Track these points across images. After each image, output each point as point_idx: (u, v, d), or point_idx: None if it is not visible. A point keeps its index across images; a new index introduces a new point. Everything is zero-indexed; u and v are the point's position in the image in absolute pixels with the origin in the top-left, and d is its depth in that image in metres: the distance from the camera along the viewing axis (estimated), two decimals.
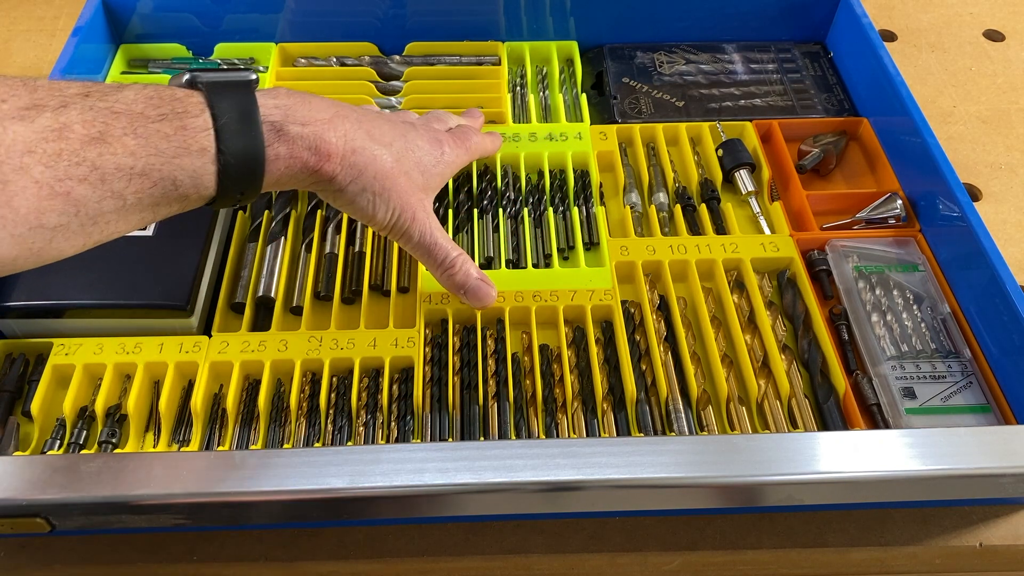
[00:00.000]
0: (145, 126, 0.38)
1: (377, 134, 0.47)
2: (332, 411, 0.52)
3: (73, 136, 0.36)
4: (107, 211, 0.37)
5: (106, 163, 0.36)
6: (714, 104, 0.70)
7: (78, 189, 0.36)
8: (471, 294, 0.53)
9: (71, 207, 0.36)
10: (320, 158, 0.44)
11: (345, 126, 0.45)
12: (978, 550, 0.48)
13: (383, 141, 0.47)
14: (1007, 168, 0.69)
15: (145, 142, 0.37)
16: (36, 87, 0.37)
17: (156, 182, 0.38)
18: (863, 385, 0.53)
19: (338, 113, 0.45)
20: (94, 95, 0.37)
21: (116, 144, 0.37)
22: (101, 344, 0.53)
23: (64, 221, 0.36)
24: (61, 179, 0.35)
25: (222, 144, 0.40)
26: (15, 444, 0.50)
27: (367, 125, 0.47)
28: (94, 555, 0.47)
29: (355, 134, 0.45)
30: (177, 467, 0.41)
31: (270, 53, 0.73)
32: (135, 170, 0.37)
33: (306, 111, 0.44)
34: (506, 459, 0.42)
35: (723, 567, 0.49)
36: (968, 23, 0.82)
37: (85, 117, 0.36)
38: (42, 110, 0.35)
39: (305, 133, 0.43)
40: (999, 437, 0.44)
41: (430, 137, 0.53)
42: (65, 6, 0.82)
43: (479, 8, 0.73)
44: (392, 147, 0.48)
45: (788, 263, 0.59)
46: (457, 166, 0.55)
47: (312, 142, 0.43)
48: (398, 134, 0.49)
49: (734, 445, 0.43)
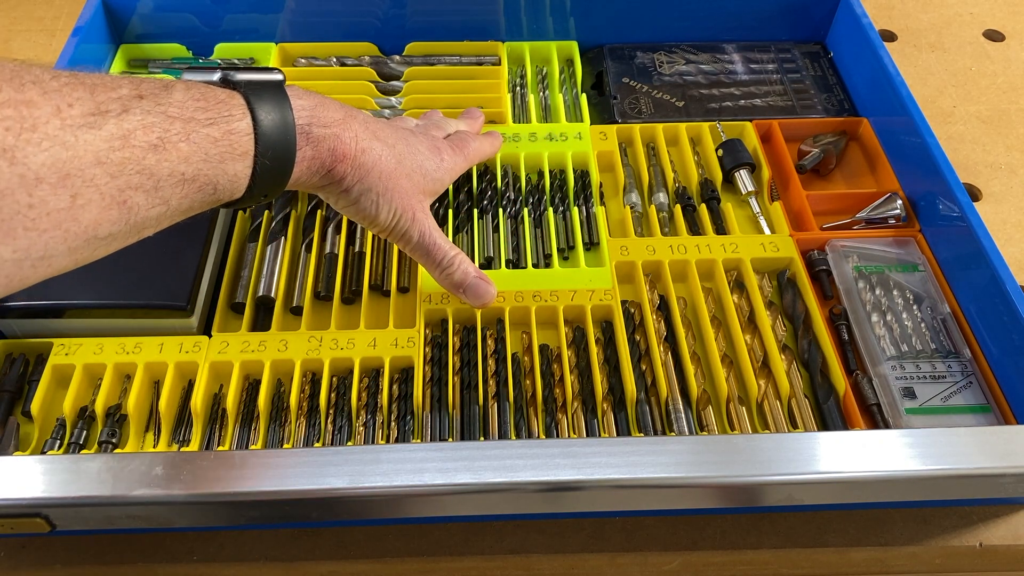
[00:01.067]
0: (197, 131, 0.37)
1: (382, 135, 0.48)
2: (332, 411, 0.52)
3: (136, 144, 0.34)
4: (152, 217, 0.37)
5: (162, 170, 0.36)
6: (714, 104, 0.70)
7: (135, 198, 0.35)
8: (470, 292, 0.53)
9: (125, 215, 0.35)
10: (336, 159, 0.45)
11: (355, 127, 0.46)
12: (978, 550, 0.48)
13: (387, 142, 0.48)
14: (1007, 168, 0.69)
15: (197, 148, 0.37)
16: (94, 87, 0.35)
17: (202, 186, 0.38)
18: (863, 385, 0.53)
19: (348, 114, 0.46)
20: (148, 97, 0.36)
21: (172, 150, 0.36)
22: (101, 344, 0.53)
23: (115, 231, 0.35)
24: (123, 189, 0.34)
25: (260, 148, 0.40)
26: (15, 444, 0.50)
27: (373, 126, 0.48)
28: (94, 555, 0.47)
29: (363, 134, 0.46)
30: (177, 467, 0.41)
31: (270, 53, 0.73)
32: (186, 176, 0.37)
33: (325, 112, 0.44)
34: (506, 459, 0.42)
35: (723, 567, 0.49)
36: (968, 23, 0.82)
37: (145, 122, 0.35)
38: (107, 116, 0.34)
39: (327, 135, 0.44)
40: (999, 437, 0.44)
41: (430, 143, 0.53)
42: (65, 6, 0.82)
43: (479, 8, 0.73)
44: (395, 148, 0.49)
45: (788, 263, 0.59)
46: (456, 172, 0.55)
47: (332, 144, 0.44)
48: (400, 137, 0.50)
49: (734, 445, 0.43)
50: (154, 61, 0.73)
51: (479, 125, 0.63)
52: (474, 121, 0.63)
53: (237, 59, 0.72)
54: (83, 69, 0.36)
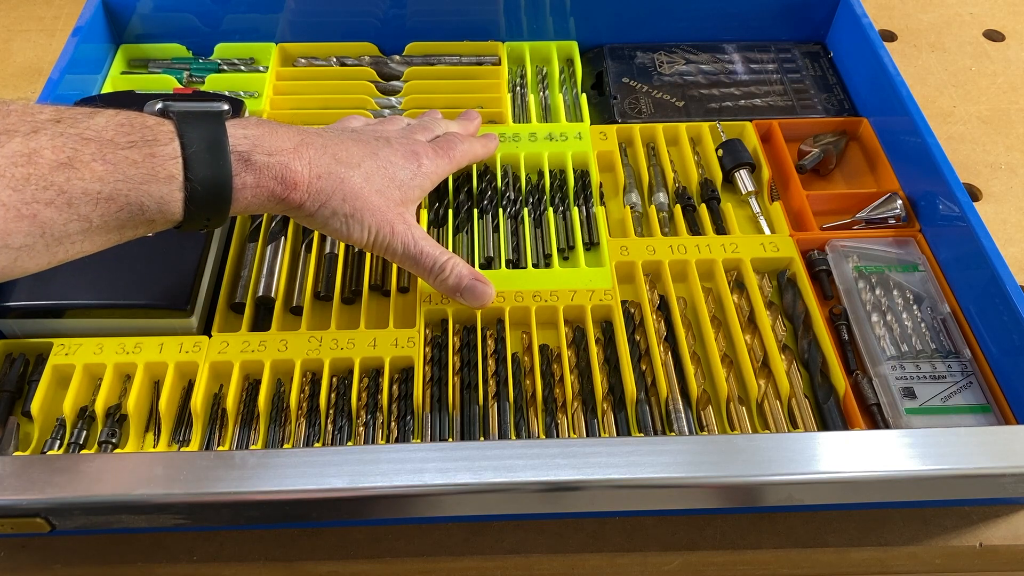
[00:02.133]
0: (114, 152, 0.39)
1: (344, 156, 0.48)
2: (332, 411, 0.52)
3: (42, 161, 0.37)
4: (73, 232, 0.38)
5: (74, 187, 0.37)
6: (714, 104, 0.70)
7: (44, 212, 0.37)
8: (467, 295, 0.53)
9: (37, 228, 0.37)
10: (286, 187, 0.45)
11: (310, 153, 0.46)
12: (978, 550, 0.48)
13: (351, 163, 0.48)
14: (1007, 168, 0.69)
15: (113, 168, 0.38)
16: (8, 112, 0.38)
17: (123, 206, 0.39)
18: (863, 385, 0.53)
19: (303, 141, 0.46)
20: (65, 121, 0.38)
21: (84, 169, 0.38)
22: (101, 344, 0.53)
23: (29, 242, 0.37)
24: (28, 202, 0.36)
25: (190, 172, 0.41)
26: (15, 444, 0.50)
27: (333, 148, 0.48)
28: (94, 555, 0.47)
29: (320, 159, 0.46)
30: (177, 467, 0.41)
31: (270, 53, 0.73)
32: (102, 195, 0.38)
33: (273, 141, 0.45)
34: (506, 459, 0.42)
35: (723, 567, 0.49)
36: (968, 23, 0.82)
37: (55, 143, 0.37)
38: (12, 135, 0.37)
39: (271, 163, 0.44)
40: (999, 437, 0.44)
41: (405, 151, 0.53)
42: (65, 6, 0.82)
43: (479, 8, 0.73)
44: (361, 167, 0.49)
45: (788, 263, 0.59)
46: (439, 176, 0.55)
47: (278, 172, 0.44)
48: (367, 152, 0.50)
49: (734, 445, 0.43)
50: (154, 61, 0.73)
51: (474, 127, 0.63)
52: (469, 123, 0.63)
53: (237, 59, 0.72)
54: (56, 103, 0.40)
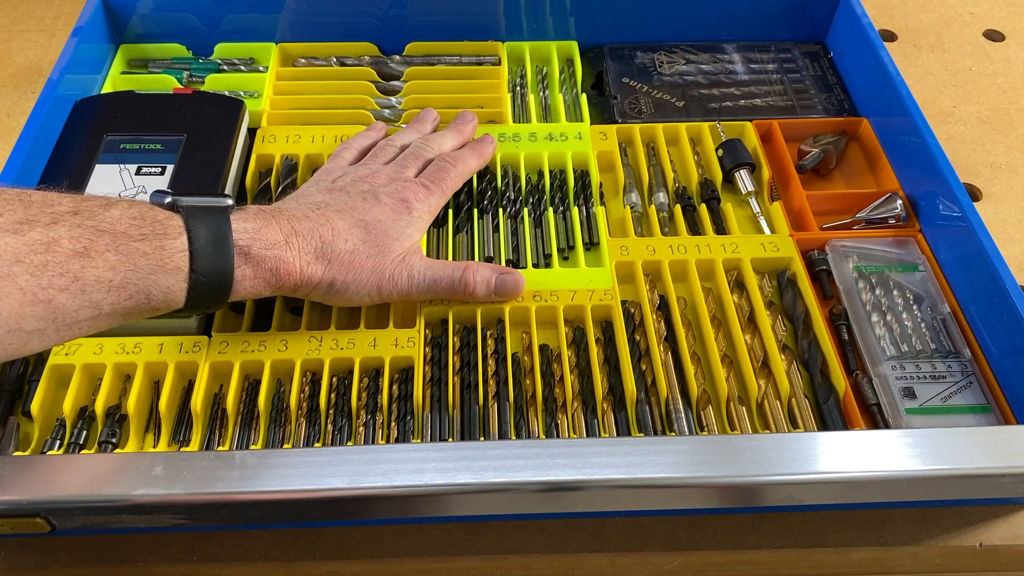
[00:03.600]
0: (127, 244, 0.41)
1: (330, 237, 0.50)
2: (332, 411, 0.52)
3: (60, 250, 0.39)
4: (83, 319, 0.40)
5: (87, 275, 0.40)
6: (714, 104, 0.70)
7: (59, 298, 0.39)
8: (502, 293, 0.54)
9: (50, 313, 0.39)
10: (280, 278, 0.48)
11: (299, 243, 0.48)
12: (978, 550, 0.48)
13: (336, 241, 0.50)
14: (1007, 168, 0.69)
15: (125, 258, 0.41)
16: (30, 203, 0.40)
17: (132, 295, 0.42)
18: (863, 385, 0.53)
19: (292, 231, 0.48)
20: (83, 213, 0.41)
21: (99, 259, 0.40)
22: (101, 344, 0.53)
23: (42, 326, 0.39)
24: (44, 287, 0.39)
25: (195, 264, 0.43)
26: (15, 444, 0.50)
27: (320, 231, 0.50)
28: (94, 555, 0.47)
29: (308, 247, 0.49)
30: (177, 467, 0.41)
31: (270, 53, 0.73)
32: (113, 283, 0.41)
33: (268, 235, 0.47)
34: (506, 459, 0.42)
35: (723, 567, 0.49)
36: (968, 23, 0.82)
37: (72, 233, 0.40)
38: (34, 225, 0.39)
39: (267, 256, 0.47)
40: (999, 437, 0.44)
41: (394, 203, 0.54)
42: (65, 6, 0.82)
43: (479, 8, 0.73)
44: (349, 241, 0.50)
45: (788, 263, 0.59)
46: (433, 212, 0.57)
47: (273, 264, 0.47)
48: (355, 223, 0.51)
49: (734, 445, 0.43)
50: (154, 61, 0.73)
51: (470, 130, 0.63)
52: (464, 127, 0.63)
53: (237, 59, 0.72)
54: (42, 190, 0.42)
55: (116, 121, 0.63)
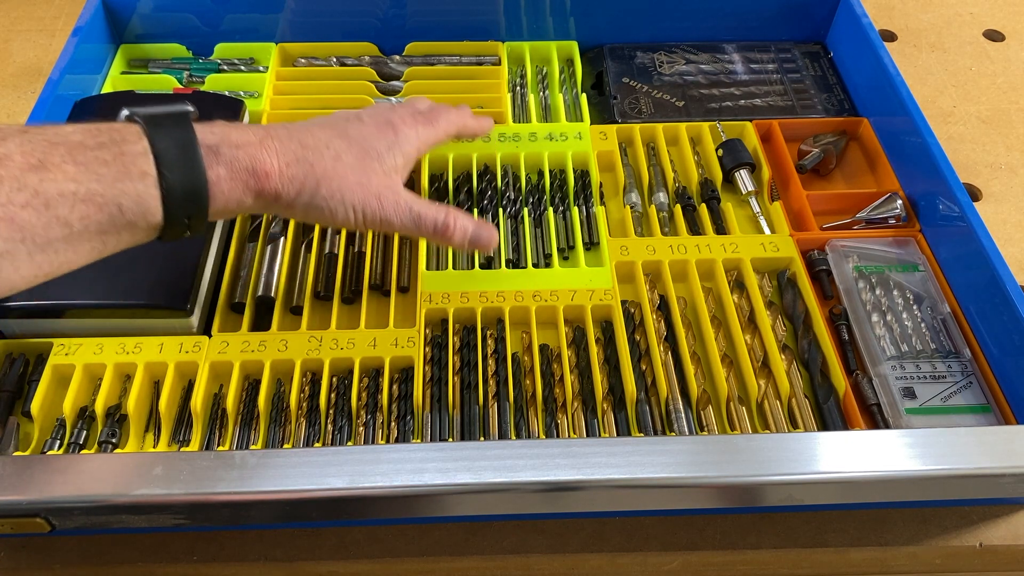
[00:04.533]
0: (84, 153, 0.39)
1: (311, 142, 0.47)
2: (332, 411, 0.52)
3: (12, 164, 0.37)
4: (55, 239, 0.38)
5: (48, 189, 0.37)
6: (714, 104, 0.70)
7: (21, 214, 0.37)
8: (477, 243, 0.53)
9: (16, 232, 0.37)
10: (259, 178, 0.44)
11: (275, 144, 0.46)
12: (978, 550, 0.48)
13: (318, 146, 0.48)
14: (1007, 168, 0.69)
15: (85, 168, 0.39)
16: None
17: (100, 206, 0.39)
18: (863, 385, 0.53)
19: (267, 134, 0.46)
20: (32, 131, 0.39)
21: (56, 171, 0.38)
22: (101, 344, 0.53)
23: (10, 247, 0.37)
24: (3, 204, 0.36)
25: (163, 167, 0.40)
26: (15, 444, 0.50)
27: (298, 136, 0.47)
28: (94, 555, 0.47)
29: (287, 148, 0.46)
30: (177, 467, 0.41)
31: (270, 53, 0.73)
32: (78, 195, 0.38)
33: (238, 135, 0.44)
34: (506, 459, 0.42)
35: (723, 567, 0.49)
36: (968, 23, 0.82)
37: (24, 148, 0.38)
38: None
39: (240, 155, 0.44)
40: (999, 437, 0.44)
41: (378, 122, 0.52)
42: (65, 6, 0.82)
43: (479, 8, 0.73)
44: (330, 148, 0.48)
45: (788, 263, 0.59)
46: (423, 142, 0.53)
47: (248, 163, 0.44)
48: (335, 134, 0.49)
49: (734, 445, 0.43)
50: (154, 61, 0.73)
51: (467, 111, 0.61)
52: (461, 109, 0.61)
53: (237, 59, 0.72)
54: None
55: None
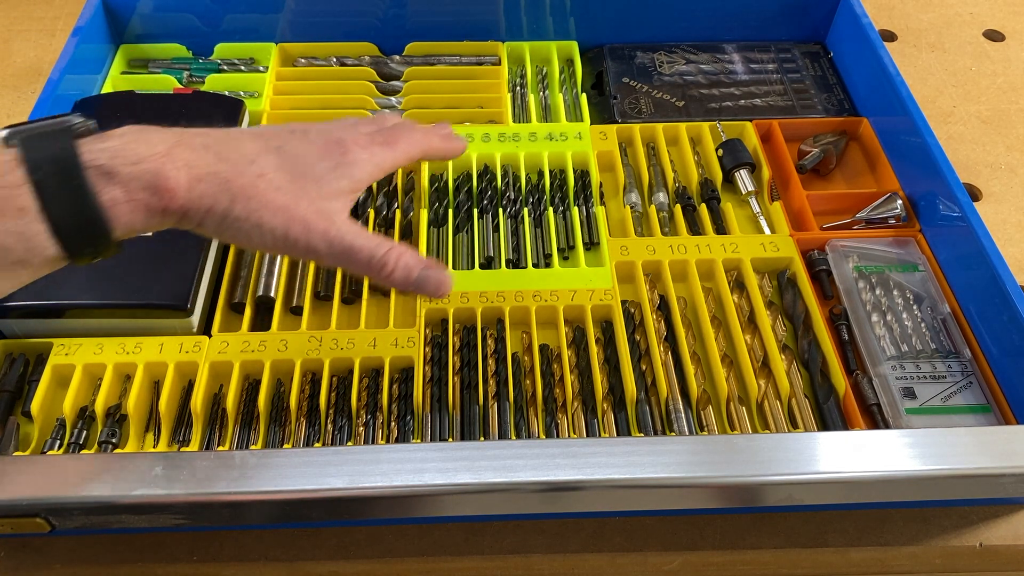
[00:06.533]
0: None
1: (231, 155, 0.41)
2: (332, 411, 0.52)
3: None
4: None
5: None
6: (714, 104, 0.70)
7: None
8: (422, 288, 0.45)
9: None
10: (160, 196, 0.39)
11: (186, 155, 0.40)
12: (978, 550, 0.48)
13: (239, 161, 0.41)
14: (1007, 168, 0.69)
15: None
16: None
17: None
18: (863, 385, 0.53)
19: (179, 142, 0.40)
20: None
21: None
22: (101, 344, 0.53)
23: None
24: None
25: (44, 199, 0.36)
26: (15, 444, 0.50)
27: (218, 147, 0.41)
28: (94, 555, 0.47)
29: (200, 160, 0.40)
30: (177, 467, 0.41)
31: (270, 53, 0.73)
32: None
33: (138, 148, 0.39)
34: (506, 459, 0.42)
35: (723, 567, 0.49)
36: (968, 23, 0.82)
37: None
38: None
39: (137, 172, 0.38)
40: (999, 437, 0.44)
41: (325, 141, 0.45)
42: (65, 6, 0.82)
43: (479, 8, 0.73)
44: (255, 164, 0.42)
45: (788, 263, 0.59)
46: (377, 166, 0.46)
47: (148, 180, 0.38)
48: (265, 148, 0.43)
49: (734, 445, 0.43)
50: (154, 61, 0.73)
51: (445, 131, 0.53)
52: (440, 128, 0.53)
53: (237, 59, 0.72)
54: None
55: (116, 121, 0.62)
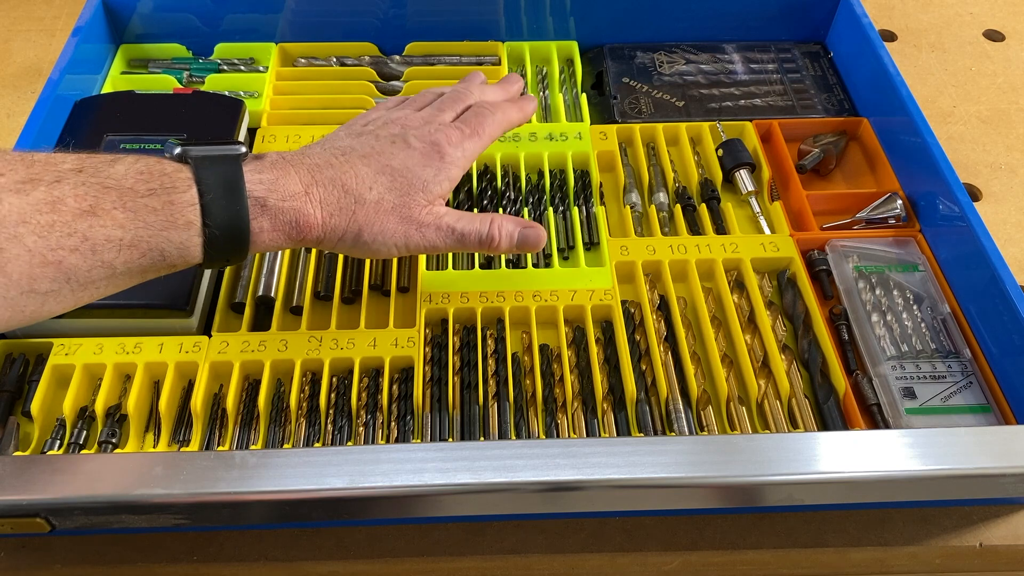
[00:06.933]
0: (134, 200, 0.40)
1: (353, 185, 0.47)
2: (332, 411, 0.52)
3: (65, 209, 0.38)
4: (97, 279, 0.40)
5: (96, 235, 0.38)
6: (714, 104, 0.70)
7: (69, 259, 0.38)
8: (524, 246, 0.52)
9: (62, 275, 0.38)
10: (301, 230, 0.45)
11: (320, 193, 0.46)
12: (978, 550, 0.48)
13: (360, 190, 0.47)
14: (1007, 168, 0.69)
15: (134, 216, 0.39)
16: (33, 162, 0.39)
17: (144, 252, 0.40)
18: (863, 385, 0.53)
19: (313, 180, 0.46)
20: (87, 170, 0.40)
21: (106, 217, 0.39)
22: (101, 344, 0.53)
23: (56, 287, 0.38)
24: (53, 248, 0.37)
25: (207, 218, 0.41)
26: (15, 444, 0.50)
27: (343, 179, 0.47)
28: (94, 555, 0.47)
29: (330, 197, 0.46)
30: (177, 467, 0.41)
31: (270, 53, 0.73)
32: (124, 241, 0.39)
33: (286, 185, 0.45)
34: (506, 459, 0.42)
35: (723, 567, 0.49)
36: (968, 23, 0.82)
37: (77, 191, 0.38)
38: (37, 184, 0.38)
39: (286, 208, 0.44)
40: (999, 437, 0.44)
41: (425, 147, 0.50)
42: (65, 6, 0.82)
43: (479, 8, 0.73)
44: (373, 190, 0.47)
45: (788, 263, 0.59)
46: (468, 159, 0.52)
47: (292, 216, 0.44)
48: (380, 169, 0.48)
49: (734, 445, 0.43)
50: (154, 61, 0.73)
51: (516, 90, 0.59)
52: (511, 85, 0.59)
53: (237, 59, 0.72)
54: (45, 150, 0.41)
55: (116, 121, 0.63)
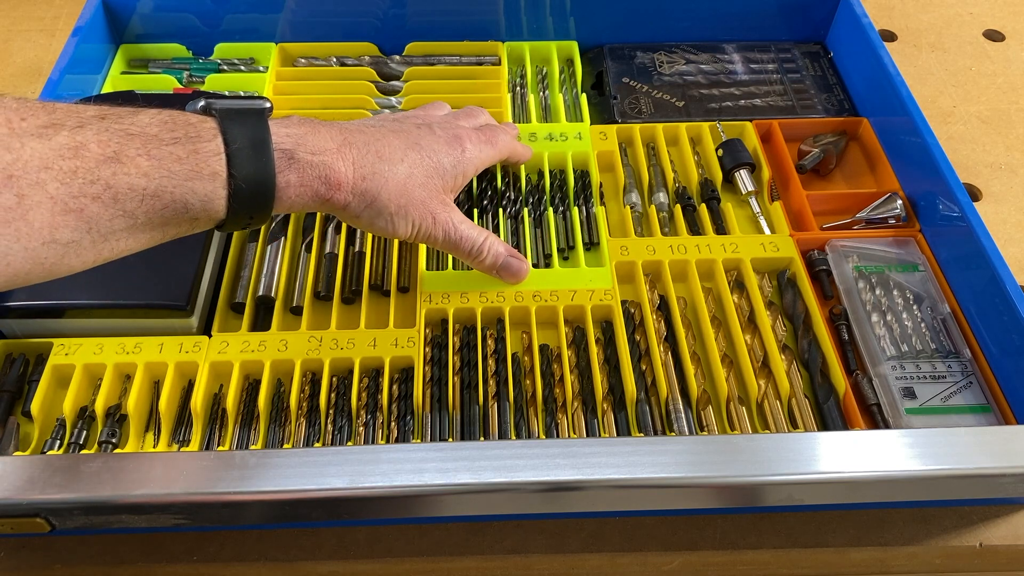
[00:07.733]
0: (159, 148, 0.38)
1: (387, 153, 0.48)
2: (332, 411, 0.52)
3: (88, 155, 0.37)
4: (118, 229, 0.38)
5: (119, 182, 0.37)
6: (714, 104, 0.70)
7: (91, 207, 0.37)
8: (503, 273, 0.55)
9: (84, 224, 0.37)
10: (331, 188, 0.45)
11: (353, 153, 0.46)
12: (978, 550, 0.48)
13: (394, 159, 0.48)
14: (1007, 168, 0.69)
15: (158, 164, 0.38)
16: (55, 108, 0.38)
17: (167, 203, 0.39)
18: (863, 385, 0.53)
19: (346, 140, 0.46)
20: (110, 117, 0.38)
21: (130, 164, 0.38)
22: (101, 344, 0.53)
23: (77, 237, 0.37)
24: (75, 196, 0.36)
25: (233, 169, 0.40)
26: (15, 444, 0.50)
27: (376, 146, 0.48)
28: (94, 555, 0.47)
29: (364, 159, 0.46)
30: (177, 467, 0.41)
31: (270, 53, 0.73)
32: (147, 191, 0.38)
33: (316, 140, 0.44)
34: (506, 459, 0.42)
35: (723, 567, 0.49)
36: (968, 23, 0.82)
37: (101, 137, 0.37)
38: (60, 129, 0.37)
39: (315, 162, 0.44)
40: (999, 437, 0.44)
41: (449, 137, 0.53)
42: (65, 6, 0.82)
43: (479, 8, 0.73)
44: (404, 162, 0.49)
45: (788, 263, 0.59)
46: (483, 162, 0.56)
47: (322, 171, 0.44)
48: (410, 144, 0.50)
49: (734, 445, 0.43)
50: (154, 61, 0.73)
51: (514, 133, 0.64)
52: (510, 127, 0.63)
53: (237, 59, 0.72)
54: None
55: None
